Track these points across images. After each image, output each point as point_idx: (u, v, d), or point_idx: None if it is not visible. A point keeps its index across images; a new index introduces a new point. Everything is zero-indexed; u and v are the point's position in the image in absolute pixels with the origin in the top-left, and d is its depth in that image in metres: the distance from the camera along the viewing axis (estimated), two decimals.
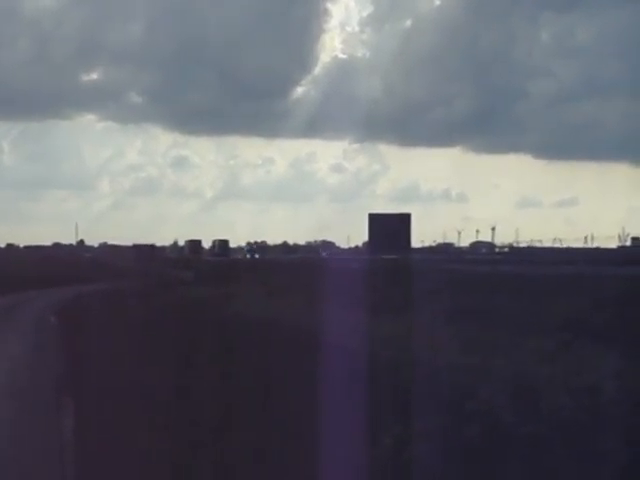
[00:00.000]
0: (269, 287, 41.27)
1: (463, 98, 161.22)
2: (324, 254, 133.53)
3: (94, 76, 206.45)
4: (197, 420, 12.27)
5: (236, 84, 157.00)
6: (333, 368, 14.09)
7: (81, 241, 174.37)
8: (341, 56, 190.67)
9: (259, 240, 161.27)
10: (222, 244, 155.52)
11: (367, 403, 11.69)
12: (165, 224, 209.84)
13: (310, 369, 13.98)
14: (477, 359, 14.77)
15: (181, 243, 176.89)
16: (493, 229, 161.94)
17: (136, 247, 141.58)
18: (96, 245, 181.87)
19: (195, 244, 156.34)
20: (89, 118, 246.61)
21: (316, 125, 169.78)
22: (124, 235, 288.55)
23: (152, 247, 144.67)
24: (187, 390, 14.04)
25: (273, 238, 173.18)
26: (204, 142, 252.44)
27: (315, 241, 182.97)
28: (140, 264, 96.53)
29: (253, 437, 11.15)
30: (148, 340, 20.43)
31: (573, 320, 20.97)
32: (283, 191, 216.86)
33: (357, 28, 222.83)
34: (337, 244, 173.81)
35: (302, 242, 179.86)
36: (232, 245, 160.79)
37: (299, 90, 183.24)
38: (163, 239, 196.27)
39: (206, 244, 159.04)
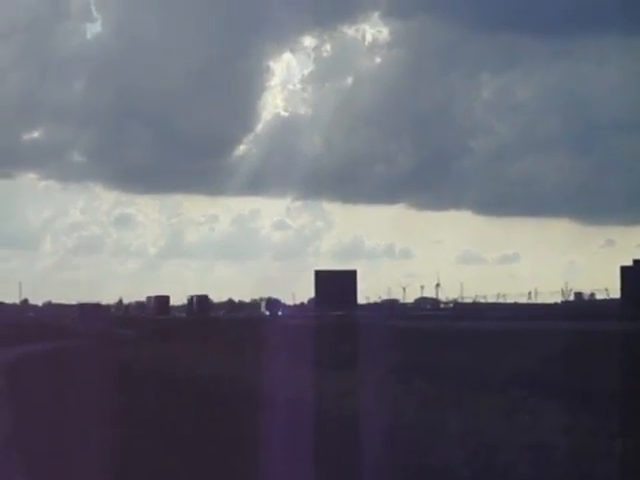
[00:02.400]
0: (212, 344, 41.00)
1: (404, 155, 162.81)
2: (279, 312, 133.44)
3: (35, 134, 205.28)
4: None
5: (179, 142, 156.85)
6: (280, 424, 13.98)
7: (25, 300, 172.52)
8: (283, 114, 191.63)
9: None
10: (201, 300, 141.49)
11: (318, 461, 11.58)
12: (109, 282, 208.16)
13: (257, 426, 13.87)
14: (429, 415, 14.74)
15: (126, 301, 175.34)
16: (437, 285, 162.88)
17: (81, 306, 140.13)
18: (40, 304, 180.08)
19: (162, 300, 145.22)
20: (30, 177, 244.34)
21: (259, 183, 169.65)
22: (68, 294, 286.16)
23: (97, 305, 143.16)
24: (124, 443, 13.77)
25: (217, 295, 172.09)
26: (147, 200, 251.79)
27: (260, 298, 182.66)
28: (85, 323, 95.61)
29: None
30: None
31: (522, 375, 21.03)
32: (227, 248, 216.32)
33: (299, 86, 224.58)
34: (283, 301, 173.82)
35: (247, 299, 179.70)
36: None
37: (242, 148, 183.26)
38: (108, 297, 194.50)
39: (174, 299, 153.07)
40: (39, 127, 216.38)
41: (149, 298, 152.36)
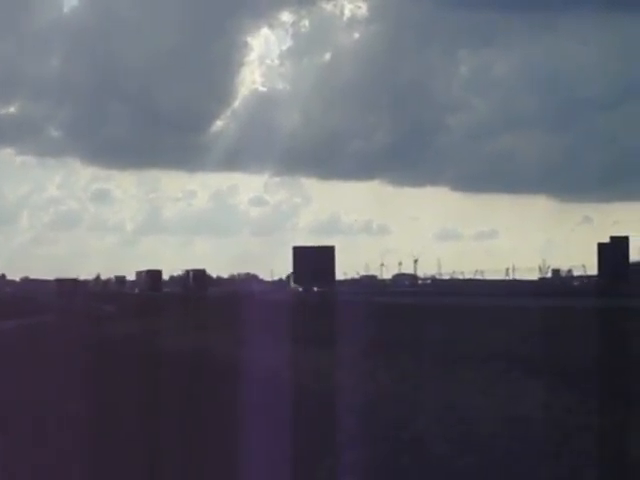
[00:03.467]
0: (194, 321, 40.94)
1: (382, 131, 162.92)
2: (256, 288, 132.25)
3: (12, 109, 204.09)
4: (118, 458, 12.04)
5: (157, 118, 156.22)
6: (261, 400, 13.98)
7: (2, 276, 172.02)
8: (261, 89, 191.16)
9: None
10: (198, 275, 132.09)
11: (297, 435, 11.59)
12: (87, 258, 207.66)
13: (237, 401, 13.86)
14: (408, 390, 14.78)
15: (104, 276, 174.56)
16: (415, 261, 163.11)
17: (58, 281, 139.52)
18: (17, 280, 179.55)
19: (154, 275, 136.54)
20: (7, 152, 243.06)
21: (237, 158, 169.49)
22: (46, 269, 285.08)
23: (75, 281, 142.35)
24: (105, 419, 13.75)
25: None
26: (125, 176, 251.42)
27: (239, 274, 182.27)
28: (63, 298, 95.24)
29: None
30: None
31: (501, 351, 21.10)
32: (205, 224, 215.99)
33: (277, 61, 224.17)
34: (261, 277, 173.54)
35: (225, 275, 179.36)
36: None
37: (220, 124, 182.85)
38: (85, 273, 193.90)
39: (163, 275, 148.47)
40: (16, 102, 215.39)
41: (139, 273, 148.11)
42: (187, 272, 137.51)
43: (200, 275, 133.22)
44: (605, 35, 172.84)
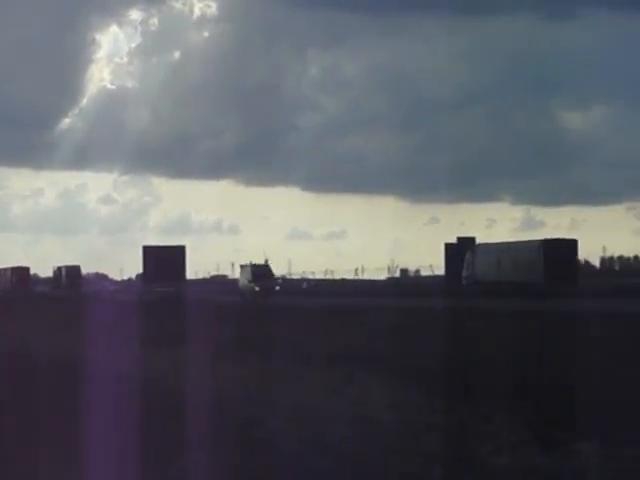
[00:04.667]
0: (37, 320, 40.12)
1: (232, 131, 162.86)
2: (106, 287, 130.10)
3: None
4: None
5: (3, 115, 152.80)
6: (106, 401, 13.74)
7: None
8: (110, 87, 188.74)
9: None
10: (71, 272, 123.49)
11: (146, 437, 11.43)
12: None
13: (78, 402, 13.59)
14: (258, 390, 14.75)
15: None
16: (266, 261, 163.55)
17: None
18: None
19: (22, 272, 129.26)
20: None
21: (86, 156, 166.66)
22: None
23: None
24: None
25: (43, 270, 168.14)
26: None
27: (88, 274, 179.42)
28: None
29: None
30: None
31: (350, 351, 21.26)
32: (53, 222, 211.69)
33: (126, 59, 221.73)
34: (110, 276, 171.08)
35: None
36: None
37: (68, 121, 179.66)
38: None
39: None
40: None
41: (4, 270, 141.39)
42: (59, 268, 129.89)
43: (74, 272, 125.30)
44: (454, 37, 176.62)
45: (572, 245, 77.03)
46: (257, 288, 79.64)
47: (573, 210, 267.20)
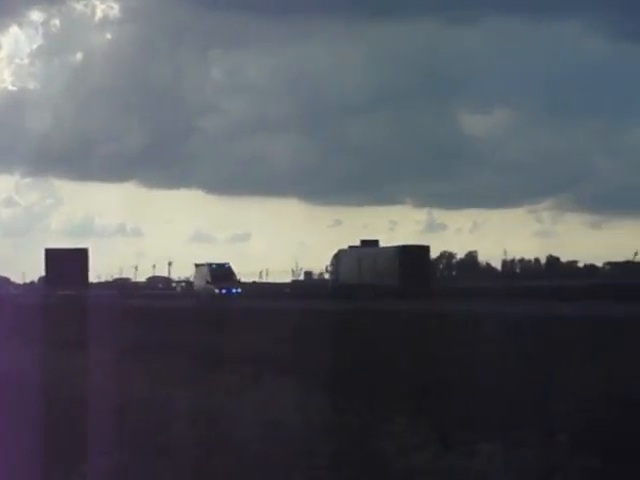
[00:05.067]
0: None
1: (135, 133, 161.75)
2: (12, 291, 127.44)
3: None
4: None
5: None
6: (5, 405, 13.53)
7: None
8: (11, 88, 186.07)
9: None
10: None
11: (45, 441, 11.27)
12: None
13: None
14: (162, 394, 14.66)
15: None
16: (170, 264, 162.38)
17: None
18: None
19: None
20: None
21: None
22: None
23: None
24: None
25: None
26: None
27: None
28: None
29: None
30: None
31: (254, 353, 21.24)
32: None
33: (27, 60, 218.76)
34: (12, 279, 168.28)
35: None
36: None
37: None
38: None
39: None
40: None
41: None
42: None
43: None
44: (357, 41, 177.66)
45: (425, 251, 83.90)
46: (217, 291, 75.84)
47: (474, 213, 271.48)
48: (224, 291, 75.94)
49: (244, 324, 34.24)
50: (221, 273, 79.24)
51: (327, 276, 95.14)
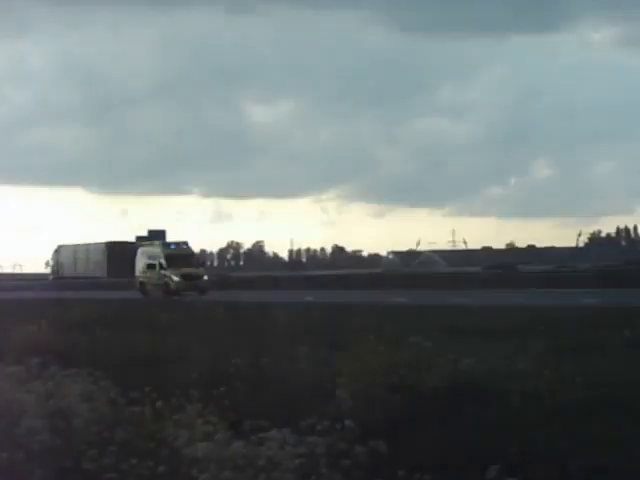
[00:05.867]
0: None
1: None
2: None
3: None
4: None
5: None
6: None
7: None
8: None
9: None
10: None
11: None
12: None
13: None
14: None
15: None
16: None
17: None
18: None
19: None
20: None
21: None
22: None
23: None
24: None
25: None
26: None
27: None
28: None
29: None
30: None
31: (39, 344, 20.86)
32: None
33: None
34: None
35: None
36: None
37: None
38: None
39: None
40: None
41: None
42: None
43: None
44: (141, 30, 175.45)
45: (131, 246, 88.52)
46: (176, 278, 60.12)
47: (261, 202, 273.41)
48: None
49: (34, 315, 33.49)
50: (179, 255, 62.73)
51: (48, 269, 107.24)
